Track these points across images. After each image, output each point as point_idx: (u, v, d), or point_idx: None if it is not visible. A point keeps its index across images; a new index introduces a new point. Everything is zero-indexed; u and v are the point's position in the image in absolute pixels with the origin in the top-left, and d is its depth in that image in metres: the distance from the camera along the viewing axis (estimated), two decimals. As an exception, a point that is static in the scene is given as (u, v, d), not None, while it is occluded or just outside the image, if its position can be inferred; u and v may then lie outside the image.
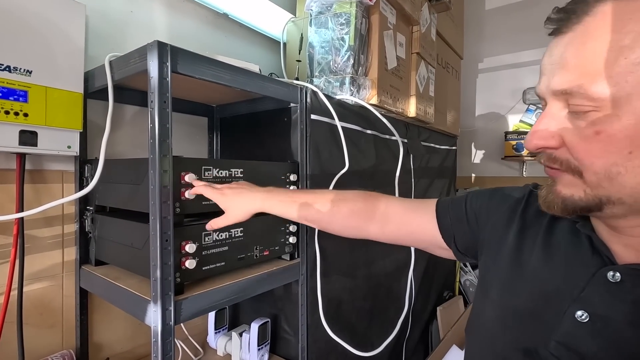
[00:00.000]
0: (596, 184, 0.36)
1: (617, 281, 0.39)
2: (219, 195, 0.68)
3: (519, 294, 0.47)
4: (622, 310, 0.37)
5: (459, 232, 0.60)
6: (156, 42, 0.63)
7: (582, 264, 0.42)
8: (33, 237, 0.84)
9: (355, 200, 0.68)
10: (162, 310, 0.65)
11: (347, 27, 1.09)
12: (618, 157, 0.34)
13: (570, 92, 0.36)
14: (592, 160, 0.36)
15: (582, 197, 0.38)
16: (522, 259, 0.48)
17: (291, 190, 0.75)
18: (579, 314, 0.40)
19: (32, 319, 0.83)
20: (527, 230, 0.50)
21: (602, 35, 0.33)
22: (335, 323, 1.06)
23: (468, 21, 2.20)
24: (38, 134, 0.77)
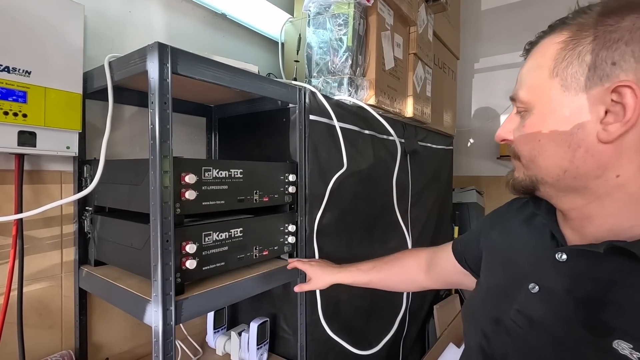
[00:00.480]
0: (526, 165, 0.49)
1: (564, 260, 0.48)
2: (308, 266, 0.90)
3: (494, 275, 0.58)
4: (563, 282, 0.46)
5: (468, 253, 0.71)
6: (157, 43, 0.64)
7: (542, 248, 0.52)
8: (32, 238, 0.83)
9: (404, 258, 0.85)
10: (163, 311, 0.65)
11: (345, 27, 1.10)
12: (533, 144, 0.46)
13: (514, 98, 0.49)
14: (522, 147, 0.49)
15: (522, 177, 0.50)
16: (500, 249, 0.60)
17: (358, 263, 0.91)
18: (532, 287, 0.49)
19: (31, 319, 0.83)
20: (507, 227, 0.62)
21: (534, 59, 0.48)
22: (333, 322, 1.06)
23: (464, 22, 2.22)
24: (37, 135, 0.76)
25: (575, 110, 0.42)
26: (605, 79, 0.40)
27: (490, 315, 0.53)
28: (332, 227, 1.07)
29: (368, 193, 1.21)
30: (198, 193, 0.72)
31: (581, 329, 0.42)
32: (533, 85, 0.46)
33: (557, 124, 0.44)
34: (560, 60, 0.43)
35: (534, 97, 0.46)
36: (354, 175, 1.13)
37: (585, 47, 0.41)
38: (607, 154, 0.42)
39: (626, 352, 0.38)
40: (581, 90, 0.42)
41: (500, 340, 0.51)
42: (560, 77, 0.43)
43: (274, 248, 0.92)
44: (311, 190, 0.99)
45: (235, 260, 0.81)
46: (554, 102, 0.44)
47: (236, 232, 0.81)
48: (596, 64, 0.41)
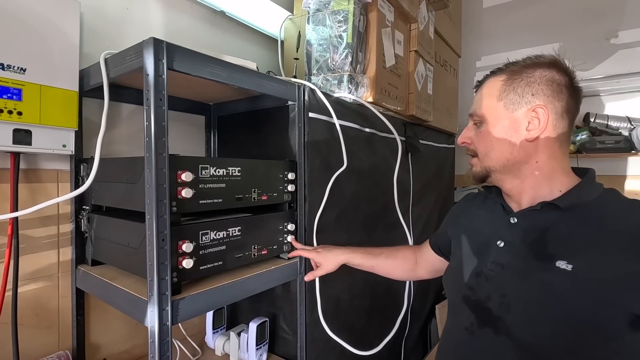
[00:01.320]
0: (482, 159, 0.70)
1: (515, 222, 0.68)
2: (314, 253, 0.94)
3: (467, 246, 0.76)
4: (518, 235, 0.66)
5: (440, 242, 0.91)
6: (152, 38, 0.63)
7: (499, 218, 0.72)
8: (28, 237, 0.83)
9: (403, 250, 1.00)
10: (159, 311, 0.64)
11: (344, 24, 1.09)
12: (486, 143, 0.68)
13: (472, 114, 0.72)
14: (479, 146, 0.70)
15: (479, 169, 0.71)
16: (468, 228, 0.79)
17: (365, 247, 1.00)
18: (499, 242, 0.68)
19: (28, 319, 0.82)
20: (469, 212, 0.83)
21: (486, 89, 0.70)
22: (334, 322, 1.05)
23: (466, 19, 2.20)
24: (32, 133, 0.76)
25: (512, 121, 0.66)
26: (528, 103, 0.65)
27: (472, 271, 0.71)
28: (332, 226, 1.05)
29: (368, 192, 1.20)
30: (195, 191, 0.71)
31: (534, 260, 0.62)
32: (486, 106, 0.69)
33: (502, 131, 0.67)
34: (503, 91, 0.67)
35: (487, 113, 0.68)
36: (354, 174, 1.12)
37: (517, 84, 0.66)
38: (531, 148, 0.65)
39: (564, 266, 0.57)
40: (515, 109, 0.66)
41: (483, 286, 0.67)
42: (503, 101, 0.67)
43: (273, 247, 0.91)
44: (311, 189, 0.97)
45: (234, 260, 0.80)
46: (500, 116, 0.67)
47: (234, 231, 0.80)
48: (524, 94, 0.65)
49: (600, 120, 1.89)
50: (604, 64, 1.99)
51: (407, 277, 1.00)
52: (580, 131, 1.88)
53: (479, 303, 0.67)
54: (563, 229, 0.61)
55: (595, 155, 1.84)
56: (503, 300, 0.63)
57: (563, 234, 0.61)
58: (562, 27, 2.07)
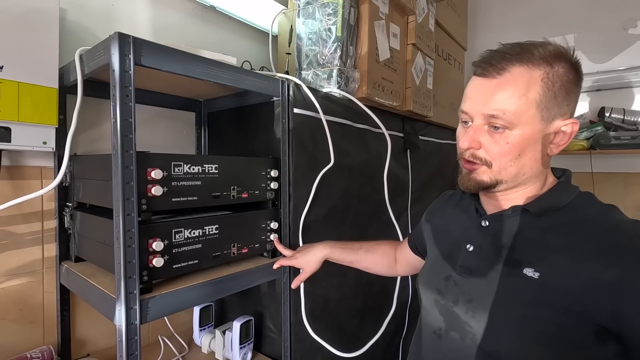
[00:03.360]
0: (498, 172, 0.60)
1: (486, 225, 0.64)
2: (294, 261, 0.91)
3: (439, 247, 0.74)
4: (487, 239, 0.63)
5: (417, 241, 0.88)
6: (117, 33, 0.62)
7: (471, 220, 0.69)
8: (12, 234, 0.84)
9: (384, 245, 0.97)
10: (126, 309, 0.63)
11: (334, 17, 1.06)
12: (512, 157, 0.58)
13: (496, 116, 0.57)
14: (501, 159, 0.59)
15: (487, 181, 0.61)
16: (442, 228, 0.76)
17: (343, 242, 0.97)
18: (468, 246, 0.65)
19: (12, 314, 0.83)
20: (443, 212, 0.79)
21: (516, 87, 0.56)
22: (321, 322, 1.03)
23: (474, 12, 2.12)
24: (12, 130, 0.76)
25: (545, 134, 0.58)
26: (563, 115, 0.57)
27: (441, 274, 0.68)
28: (320, 224, 1.03)
29: (360, 189, 1.17)
30: (166, 189, 0.70)
31: (503, 266, 0.59)
32: (521, 112, 0.56)
33: (534, 145, 0.58)
34: (545, 97, 0.56)
35: (520, 122, 0.56)
36: (344, 171, 1.09)
37: (557, 89, 0.56)
38: (547, 163, 0.61)
39: (531, 274, 0.55)
40: (551, 121, 0.57)
41: (451, 291, 0.65)
42: (542, 109, 0.56)
43: (255, 246, 0.89)
44: (296, 186, 0.95)
45: (211, 259, 0.79)
46: (534, 127, 0.57)
47: (211, 229, 0.79)
48: (562, 103, 0.56)
49: (616, 115, 1.79)
50: (621, 56, 1.88)
51: (386, 273, 0.97)
52: (594, 126, 1.79)
53: (448, 307, 0.65)
54: (533, 234, 0.59)
55: (609, 152, 1.74)
56: (469, 306, 0.61)
57: (533, 240, 0.58)
58: (577, 18, 1.97)
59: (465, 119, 0.63)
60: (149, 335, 1.08)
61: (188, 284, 0.74)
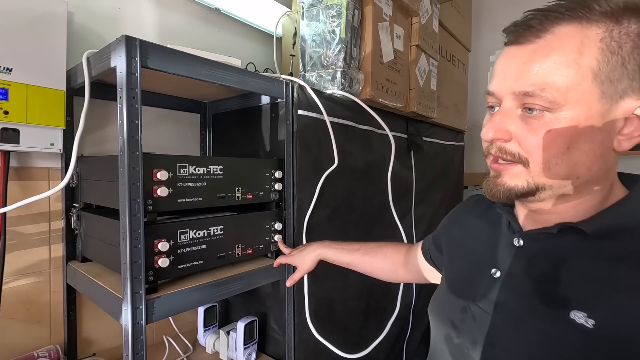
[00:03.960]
0: (538, 173, 0.44)
1: (521, 245, 0.49)
2: (290, 258, 0.90)
3: (459, 267, 0.59)
4: (520, 264, 0.48)
5: (432, 250, 0.75)
6: (124, 36, 0.62)
7: (500, 237, 0.53)
8: (20, 234, 0.85)
9: (387, 248, 0.87)
10: (132, 309, 0.64)
11: (338, 19, 1.06)
12: (559, 150, 0.42)
13: (532, 94, 0.41)
14: (540, 153, 0.42)
15: (524, 186, 0.45)
16: (461, 243, 0.62)
17: (340, 242, 0.91)
18: (493, 272, 0.51)
19: (20, 314, 0.84)
20: (465, 222, 0.64)
21: (562, 52, 0.40)
22: (325, 323, 1.03)
23: (478, 12, 2.12)
24: (20, 132, 0.77)
25: (608, 119, 0.41)
26: (637, 92, 0.40)
27: (458, 304, 0.54)
28: (324, 225, 1.03)
29: (364, 190, 1.17)
30: (172, 190, 0.70)
31: (539, 304, 0.44)
32: (569, 85, 0.40)
33: (589, 132, 0.41)
34: (605, 63, 0.39)
35: (565, 99, 0.40)
36: (348, 172, 1.10)
37: (628, 53, 0.39)
38: (613, 162, 0.43)
39: (582, 321, 0.40)
40: (616, 100, 0.40)
41: (469, 327, 0.51)
42: (602, 82, 0.39)
43: (259, 247, 0.89)
44: (300, 187, 0.96)
45: (215, 259, 0.80)
46: (592, 108, 0.40)
47: (216, 230, 0.79)
48: (635, 75, 0.39)
49: None
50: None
51: (387, 278, 0.88)
52: None
53: (462, 349, 0.51)
54: (588, 263, 0.42)
55: None
56: (492, 353, 0.47)
57: (587, 272, 0.42)
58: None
59: (491, 102, 0.47)
60: (154, 336, 1.08)
61: (193, 285, 0.74)
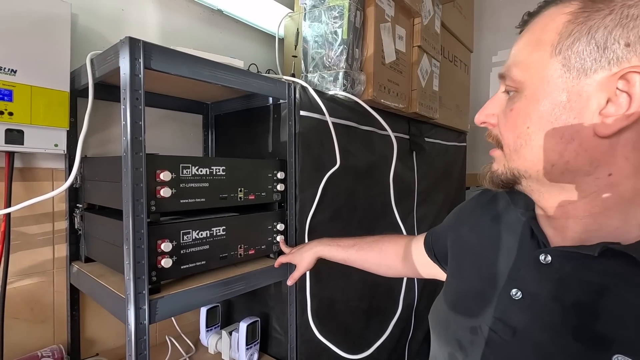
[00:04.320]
0: (509, 156, 0.43)
1: (548, 263, 0.42)
2: (290, 257, 0.90)
3: (469, 278, 0.52)
4: (548, 287, 0.41)
5: (437, 247, 0.68)
6: (128, 38, 0.63)
7: (522, 248, 0.46)
8: (24, 234, 0.85)
9: (383, 242, 0.82)
10: (136, 309, 0.64)
11: (340, 20, 1.06)
12: (520, 130, 0.41)
13: (504, 75, 0.43)
14: (507, 134, 0.43)
15: (503, 170, 0.44)
16: (472, 248, 0.54)
17: (337, 238, 0.89)
18: (514, 292, 0.43)
19: (23, 313, 0.85)
20: (478, 223, 0.56)
21: (533, 32, 0.41)
22: (327, 323, 1.03)
23: (480, 13, 2.12)
24: (24, 133, 0.78)
25: (575, 96, 0.37)
26: (615, 62, 0.35)
27: (467, 323, 0.47)
28: (326, 226, 1.04)
29: (366, 191, 1.17)
30: (175, 190, 0.71)
31: (572, 340, 0.37)
32: (529, 63, 0.40)
33: (551, 111, 0.38)
34: (567, 35, 0.37)
35: (528, 77, 0.40)
36: (350, 173, 1.10)
37: (597, 21, 0.35)
38: (602, 150, 0.37)
39: None
40: (584, 74, 0.36)
41: (479, 351, 0.45)
42: (563, 55, 0.37)
43: (262, 247, 0.90)
44: (302, 188, 0.96)
45: (218, 260, 0.80)
46: (551, 84, 0.38)
47: (218, 231, 0.80)
48: (607, 43, 0.35)
49: None
50: None
51: (384, 273, 0.83)
52: None
53: None
54: (635, 297, 0.35)
55: None
56: None
57: (635, 306, 0.35)
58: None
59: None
60: (156, 336, 1.09)
61: (196, 285, 0.75)
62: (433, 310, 0.56)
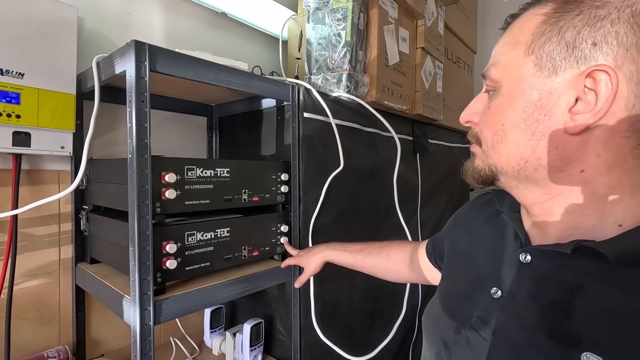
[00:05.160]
0: (487, 152, 0.44)
1: (528, 262, 0.43)
2: (297, 259, 0.90)
3: (457, 278, 0.53)
4: (526, 286, 0.42)
5: (437, 251, 0.70)
6: (133, 41, 0.63)
7: (505, 248, 0.47)
8: (31, 236, 0.86)
9: (390, 247, 0.83)
10: (141, 310, 0.65)
11: (343, 22, 1.07)
12: (497, 127, 0.42)
13: (484, 76, 0.44)
14: (485, 131, 0.44)
15: (482, 167, 0.45)
16: (462, 249, 0.56)
17: (345, 243, 0.89)
18: (494, 291, 0.44)
19: (30, 314, 0.85)
20: (470, 226, 0.58)
21: (511, 33, 0.42)
22: (331, 325, 1.03)
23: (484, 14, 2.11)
24: (31, 135, 0.78)
25: (545, 94, 0.39)
26: (582, 61, 0.36)
27: (451, 322, 0.48)
28: (330, 228, 1.04)
29: (370, 193, 1.17)
30: (180, 192, 0.71)
31: (545, 338, 0.38)
32: (505, 63, 0.42)
33: (523, 108, 0.40)
34: (539, 35, 0.39)
35: (504, 76, 0.42)
36: (354, 175, 1.10)
37: (567, 22, 0.37)
38: (572, 147, 0.38)
39: None
40: (554, 72, 0.38)
41: (462, 351, 0.45)
42: (535, 54, 0.39)
43: (265, 249, 0.90)
44: (306, 190, 0.96)
45: (222, 261, 0.80)
46: (524, 82, 0.40)
47: (222, 232, 0.80)
48: (575, 42, 0.36)
49: None
50: None
51: (391, 278, 0.84)
52: None
53: None
54: (607, 295, 0.36)
55: None
56: None
57: (606, 305, 0.35)
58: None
59: None
60: (160, 337, 1.09)
61: (200, 286, 0.75)
62: (425, 311, 0.57)
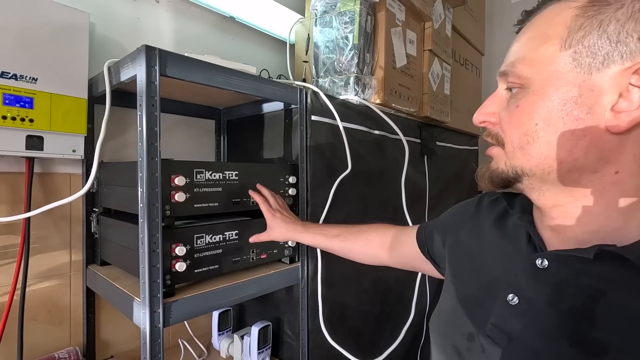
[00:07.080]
0: (512, 154, 0.41)
1: (545, 267, 0.41)
2: (270, 214, 0.82)
3: (467, 283, 0.51)
4: (544, 292, 0.40)
5: (432, 244, 0.66)
6: (144, 46, 0.64)
7: (519, 253, 0.45)
8: (43, 238, 0.87)
9: (370, 232, 0.80)
10: (150, 313, 0.65)
11: (351, 25, 1.07)
12: (528, 127, 0.39)
13: (507, 72, 0.41)
14: (511, 131, 0.41)
15: (504, 169, 0.43)
16: (471, 254, 0.53)
17: (322, 224, 0.86)
18: (510, 297, 0.42)
19: (41, 315, 0.87)
20: (478, 228, 0.55)
21: (537, 28, 0.40)
22: (339, 328, 1.03)
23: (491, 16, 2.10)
24: (44, 139, 0.80)
25: (586, 90, 0.36)
26: (628, 56, 0.34)
27: (463, 329, 0.46)
28: (337, 231, 1.03)
29: (378, 195, 1.17)
30: (189, 195, 0.72)
31: (568, 346, 0.36)
32: (536, 57, 0.39)
33: (561, 106, 0.37)
34: (577, 29, 0.36)
35: (535, 72, 0.39)
36: (361, 177, 1.10)
37: (608, 15, 0.35)
38: (611, 147, 0.36)
39: None
40: (596, 68, 0.36)
41: (476, 358, 0.44)
42: (574, 49, 0.36)
43: (273, 251, 0.90)
44: (313, 192, 0.96)
45: (230, 263, 0.81)
46: (561, 79, 0.37)
47: (231, 235, 0.80)
48: (620, 37, 0.34)
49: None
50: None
51: (367, 262, 0.82)
52: None
53: None
54: (630, 301, 0.35)
55: None
56: None
57: (628, 311, 0.34)
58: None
59: None
60: (169, 339, 1.10)
61: (209, 289, 0.75)
62: (433, 317, 0.55)
